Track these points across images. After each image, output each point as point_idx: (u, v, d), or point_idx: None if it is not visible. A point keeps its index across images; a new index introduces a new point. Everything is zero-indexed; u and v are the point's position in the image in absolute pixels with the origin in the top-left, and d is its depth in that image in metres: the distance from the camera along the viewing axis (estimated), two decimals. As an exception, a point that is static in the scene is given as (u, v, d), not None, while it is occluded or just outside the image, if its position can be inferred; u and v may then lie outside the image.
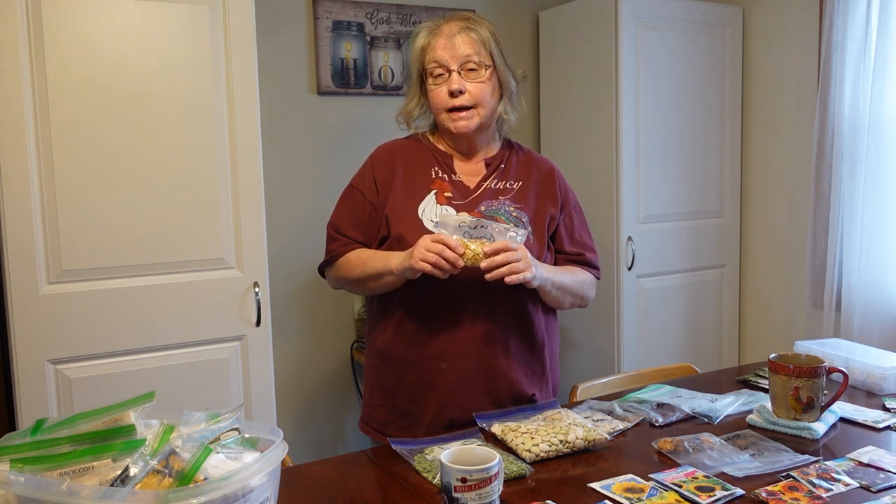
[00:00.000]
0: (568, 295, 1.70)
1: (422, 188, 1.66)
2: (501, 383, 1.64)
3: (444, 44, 1.62)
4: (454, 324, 1.60)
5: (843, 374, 1.51)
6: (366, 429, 1.75)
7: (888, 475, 1.28)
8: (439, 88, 1.63)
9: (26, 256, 1.96)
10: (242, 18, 2.17)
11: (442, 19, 1.68)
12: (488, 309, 1.61)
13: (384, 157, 1.72)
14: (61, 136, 1.98)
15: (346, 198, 1.74)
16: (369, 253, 1.66)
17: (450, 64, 1.61)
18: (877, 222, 2.69)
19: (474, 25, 1.65)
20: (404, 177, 1.67)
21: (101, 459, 0.94)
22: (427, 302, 1.61)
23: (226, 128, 2.17)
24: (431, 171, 1.68)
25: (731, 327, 3.36)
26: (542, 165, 1.79)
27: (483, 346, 1.61)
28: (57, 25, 1.96)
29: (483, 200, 1.66)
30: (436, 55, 1.62)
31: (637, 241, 3.03)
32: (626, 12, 2.91)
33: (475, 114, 1.64)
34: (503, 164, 1.73)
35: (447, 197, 1.65)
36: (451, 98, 1.62)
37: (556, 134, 3.27)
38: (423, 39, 1.66)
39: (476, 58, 1.62)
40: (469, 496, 1.11)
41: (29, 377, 1.99)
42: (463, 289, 1.58)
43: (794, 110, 3.07)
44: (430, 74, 1.64)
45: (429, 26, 1.67)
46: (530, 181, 1.73)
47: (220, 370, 2.22)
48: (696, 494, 1.20)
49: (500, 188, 1.69)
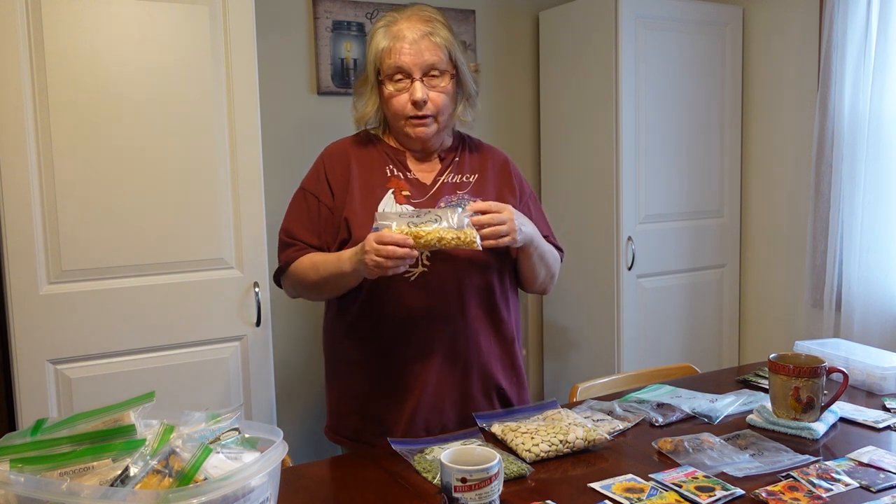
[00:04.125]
0: (543, 267, 1.67)
1: (379, 188, 1.61)
2: (477, 383, 1.62)
3: (407, 50, 1.54)
4: (426, 326, 1.57)
5: (843, 374, 1.52)
6: (336, 438, 1.70)
7: (888, 475, 1.28)
8: (400, 96, 1.57)
9: (26, 256, 1.96)
10: (242, 18, 2.17)
11: (398, 13, 1.59)
12: (459, 308, 1.58)
13: (337, 158, 1.66)
14: (61, 135, 1.98)
15: (299, 202, 1.68)
16: (321, 256, 1.59)
17: (413, 72, 1.54)
18: (877, 222, 2.69)
19: (436, 28, 1.57)
20: (360, 177, 1.62)
21: (101, 459, 0.94)
22: (394, 306, 1.57)
23: (226, 127, 2.17)
24: (386, 170, 1.64)
25: (731, 327, 3.36)
26: (495, 156, 1.75)
27: (457, 346, 1.59)
28: (57, 25, 1.96)
29: (442, 196, 1.62)
30: (399, 62, 1.54)
31: (637, 241, 3.03)
32: (626, 12, 2.91)
33: (434, 122, 1.59)
34: (457, 157, 1.69)
35: (405, 195, 1.60)
36: (413, 107, 1.56)
37: (556, 134, 3.27)
38: (383, 41, 1.56)
39: (440, 65, 1.56)
40: (469, 496, 1.11)
41: (29, 377, 1.99)
42: (432, 289, 1.56)
43: (794, 110, 3.07)
44: (390, 79, 1.57)
45: (386, 24, 1.58)
46: (486, 173, 1.69)
47: (220, 370, 2.22)
48: (696, 494, 1.20)
49: (458, 182, 1.66)
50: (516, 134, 3.37)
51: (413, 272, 1.55)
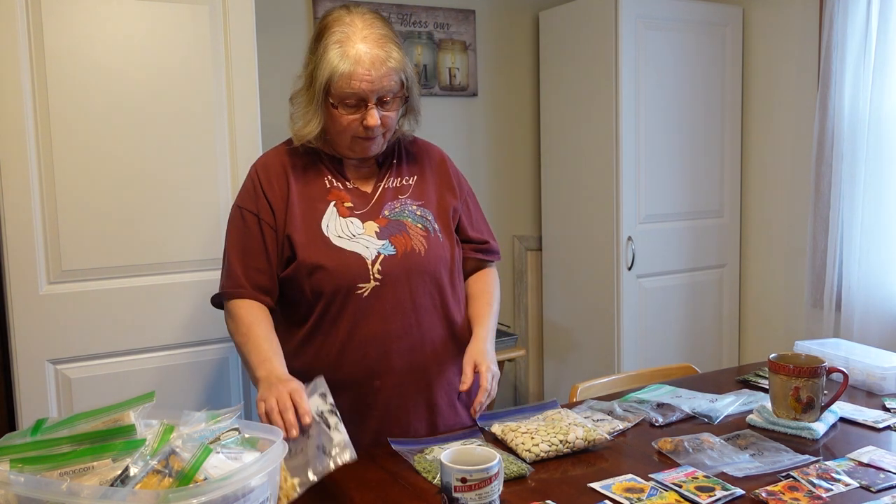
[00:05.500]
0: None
1: (319, 201, 1.54)
2: (438, 390, 1.59)
3: (366, 77, 1.44)
4: (382, 340, 1.51)
5: (843, 374, 1.52)
6: None
7: (888, 475, 1.28)
8: (351, 118, 1.48)
9: (26, 256, 1.96)
10: (242, 18, 2.17)
11: (349, 27, 1.46)
12: (415, 319, 1.53)
13: (273, 172, 1.56)
14: (61, 136, 1.98)
15: (236, 222, 1.56)
16: (251, 339, 1.46)
17: (369, 99, 1.46)
18: (877, 222, 2.69)
19: (391, 52, 1.47)
20: (298, 191, 1.54)
21: (101, 459, 0.94)
22: (348, 322, 1.50)
23: (226, 127, 2.17)
24: (325, 181, 1.56)
25: (731, 327, 3.36)
26: (432, 154, 1.70)
27: (414, 356, 1.54)
28: (57, 25, 1.95)
29: (385, 204, 1.57)
30: (359, 90, 1.45)
31: (637, 241, 3.03)
32: (626, 12, 2.91)
33: (382, 139, 1.55)
34: (395, 159, 1.63)
35: (348, 207, 1.54)
36: (364, 131, 1.50)
37: (556, 134, 3.28)
38: (341, 65, 1.44)
39: (394, 90, 1.49)
40: (469, 496, 1.11)
41: (29, 377, 1.99)
42: (386, 302, 1.51)
43: (794, 110, 3.07)
44: (342, 103, 1.47)
45: (341, 43, 1.45)
46: (424, 173, 1.65)
47: (220, 370, 2.22)
48: (696, 494, 1.20)
49: (398, 186, 1.61)
50: (516, 134, 3.37)
51: (365, 287, 1.50)
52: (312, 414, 1.27)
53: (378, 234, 1.52)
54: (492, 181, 3.31)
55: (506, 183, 3.37)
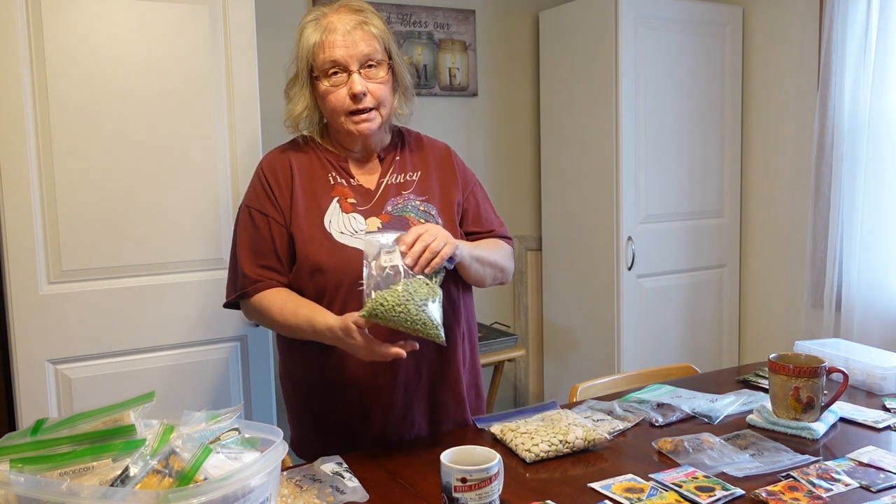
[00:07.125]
0: (489, 267, 1.59)
1: (323, 197, 1.54)
2: (444, 387, 1.58)
3: (341, 42, 1.47)
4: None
5: (843, 374, 1.52)
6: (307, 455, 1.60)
7: (888, 475, 1.28)
8: (338, 91, 1.50)
9: (26, 256, 1.96)
10: (242, 18, 2.17)
11: (326, 7, 1.52)
12: None
13: (278, 169, 1.57)
14: (61, 135, 1.98)
15: (245, 223, 1.57)
16: (291, 307, 1.47)
17: (350, 64, 1.48)
18: (877, 222, 2.69)
19: (369, 18, 1.51)
20: (303, 187, 1.55)
21: (101, 459, 0.94)
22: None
23: (226, 128, 2.17)
24: (329, 178, 1.57)
25: (731, 327, 3.36)
26: (436, 149, 1.69)
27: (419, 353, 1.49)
28: (57, 25, 1.95)
29: (388, 200, 1.57)
30: (334, 55, 1.47)
31: (637, 241, 3.03)
32: (626, 12, 2.91)
33: (377, 115, 1.53)
34: (397, 155, 1.63)
35: (351, 203, 1.54)
36: (353, 101, 1.49)
37: (556, 134, 3.27)
38: (313, 35, 1.49)
39: (376, 55, 1.50)
40: (469, 496, 1.11)
41: (29, 377, 1.99)
42: None
43: (794, 110, 3.07)
44: (325, 75, 1.50)
45: (316, 18, 1.51)
46: (428, 168, 1.65)
47: (220, 370, 2.22)
48: (696, 494, 1.20)
49: (401, 182, 1.60)
50: (516, 134, 3.37)
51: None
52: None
53: (381, 229, 1.52)
54: (492, 181, 3.31)
55: (506, 183, 3.37)
